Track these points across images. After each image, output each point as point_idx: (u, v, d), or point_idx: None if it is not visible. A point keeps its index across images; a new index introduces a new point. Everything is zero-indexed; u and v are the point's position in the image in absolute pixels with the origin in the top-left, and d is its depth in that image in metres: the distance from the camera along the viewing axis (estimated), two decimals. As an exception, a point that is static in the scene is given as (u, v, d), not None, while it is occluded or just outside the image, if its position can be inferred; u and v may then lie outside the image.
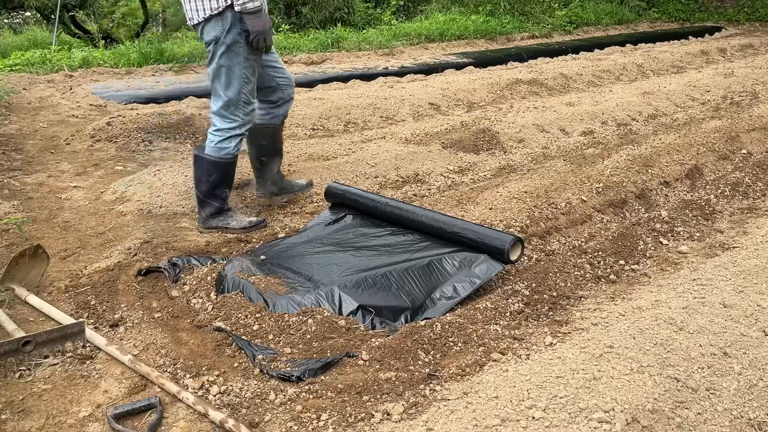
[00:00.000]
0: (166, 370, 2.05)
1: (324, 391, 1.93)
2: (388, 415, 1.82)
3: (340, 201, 3.19)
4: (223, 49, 2.86)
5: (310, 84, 6.50)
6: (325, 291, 2.37)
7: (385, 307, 2.35)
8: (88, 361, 2.08)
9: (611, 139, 4.73)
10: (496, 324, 2.28)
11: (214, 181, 3.06)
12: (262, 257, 2.62)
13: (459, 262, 2.56)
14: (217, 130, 3.01)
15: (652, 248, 2.94)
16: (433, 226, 2.77)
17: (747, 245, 2.85)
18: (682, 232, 3.12)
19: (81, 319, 2.24)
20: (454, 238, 2.68)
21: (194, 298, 2.46)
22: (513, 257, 2.53)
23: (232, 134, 3.01)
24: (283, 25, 10.26)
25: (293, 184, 3.56)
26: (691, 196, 3.55)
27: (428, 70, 7.39)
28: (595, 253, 2.83)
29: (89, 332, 2.17)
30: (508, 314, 2.34)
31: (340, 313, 2.29)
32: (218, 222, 3.11)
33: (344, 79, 6.75)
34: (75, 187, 3.68)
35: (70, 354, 2.09)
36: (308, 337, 2.16)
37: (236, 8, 2.77)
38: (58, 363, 2.05)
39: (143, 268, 2.64)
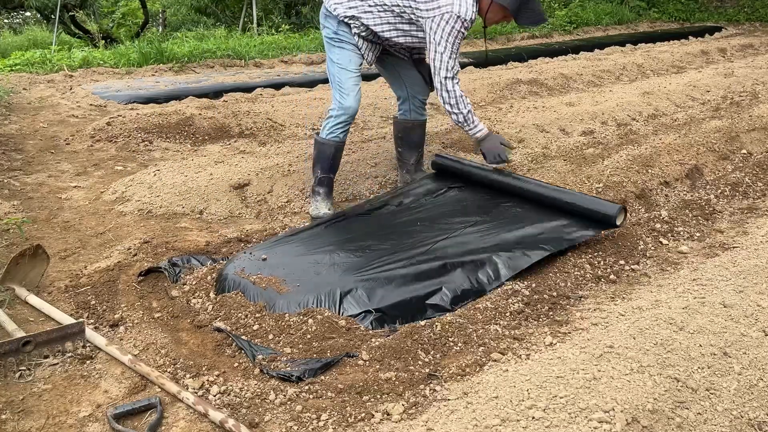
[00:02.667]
0: (166, 370, 2.05)
1: (324, 391, 1.93)
2: (388, 415, 1.82)
3: (445, 170, 3.51)
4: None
5: (310, 84, 6.50)
6: (327, 290, 2.36)
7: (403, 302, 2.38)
8: (88, 361, 2.08)
9: (611, 139, 4.73)
10: (496, 324, 2.28)
11: (313, 157, 3.39)
12: (263, 256, 2.62)
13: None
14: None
15: (652, 248, 2.94)
16: (535, 192, 3.10)
17: (747, 245, 2.85)
18: (682, 232, 3.12)
19: (81, 319, 2.24)
20: (556, 205, 2.99)
21: (194, 298, 2.46)
22: (618, 222, 2.87)
23: (327, 116, 3.30)
24: (283, 25, 10.26)
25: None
26: (691, 196, 3.55)
27: (428, 70, 7.39)
28: (595, 253, 2.83)
29: (89, 332, 2.17)
30: (508, 314, 2.34)
31: (340, 313, 2.29)
32: (310, 199, 3.39)
33: (344, 79, 6.74)
34: (75, 187, 3.68)
35: (70, 354, 2.09)
36: (308, 337, 2.16)
37: (470, 136, 3.25)
38: (58, 363, 2.05)
39: (143, 269, 2.64)
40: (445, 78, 3.05)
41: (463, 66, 7.69)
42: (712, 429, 1.65)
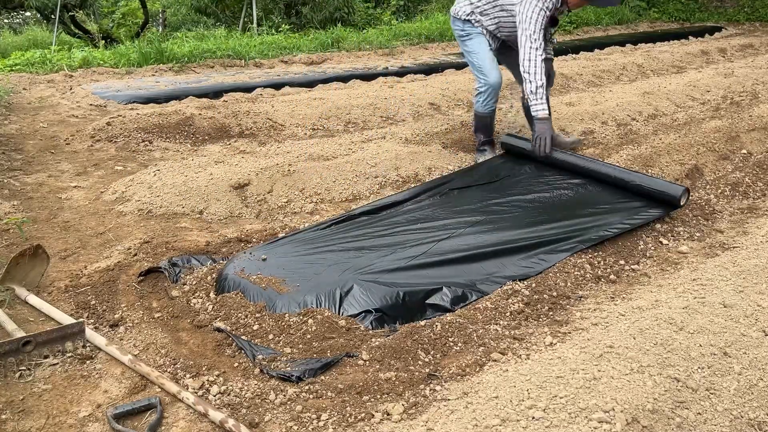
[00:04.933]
0: (166, 370, 2.05)
1: (324, 391, 1.93)
2: (388, 415, 1.82)
3: (512, 151, 4.00)
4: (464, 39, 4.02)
5: (310, 84, 6.50)
6: (327, 290, 2.36)
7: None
8: (88, 361, 2.08)
9: (611, 139, 4.73)
10: (496, 324, 2.28)
11: (474, 126, 4.22)
12: (263, 257, 2.62)
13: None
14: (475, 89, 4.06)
15: (652, 248, 2.94)
16: (600, 172, 3.48)
17: (747, 245, 2.85)
18: (682, 232, 3.12)
19: (81, 319, 2.24)
20: (620, 185, 3.36)
21: (194, 298, 2.46)
22: (682, 202, 3.20)
23: (477, 93, 4.04)
24: (283, 25, 10.26)
25: (561, 141, 4.24)
26: (691, 196, 3.55)
27: (428, 70, 7.39)
28: (595, 253, 2.83)
29: (89, 332, 2.17)
30: (508, 314, 2.34)
31: (340, 313, 2.29)
32: (477, 154, 4.20)
33: (344, 79, 6.75)
34: (75, 187, 3.68)
35: (70, 354, 2.09)
36: (308, 337, 2.16)
37: (532, 112, 3.66)
38: (58, 363, 2.05)
39: (143, 270, 2.64)
40: (530, 48, 3.55)
41: (463, 66, 7.69)
42: (712, 429, 1.65)
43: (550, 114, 3.68)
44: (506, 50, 4.12)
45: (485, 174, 3.71)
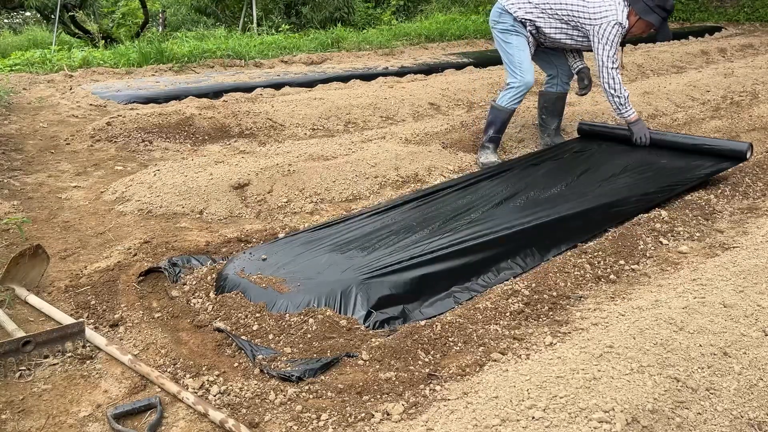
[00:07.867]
0: (166, 370, 2.05)
1: (324, 391, 1.93)
2: (388, 415, 1.82)
3: (590, 134, 4.42)
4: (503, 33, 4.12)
5: (310, 84, 6.50)
6: (327, 290, 2.36)
7: None
8: (88, 361, 2.08)
9: (611, 139, 4.72)
10: (496, 324, 2.28)
11: (488, 120, 4.25)
12: (263, 256, 2.62)
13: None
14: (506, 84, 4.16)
15: (652, 248, 2.94)
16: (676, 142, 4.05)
17: (747, 245, 2.85)
18: (682, 232, 3.12)
19: (81, 319, 2.24)
20: (693, 150, 3.92)
21: (194, 298, 2.46)
22: (748, 156, 3.79)
23: (507, 88, 4.12)
24: (283, 25, 10.27)
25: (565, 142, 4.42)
26: (691, 196, 3.55)
27: (428, 70, 7.40)
28: (595, 253, 2.83)
29: (89, 332, 2.17)
30: (508, 314, 2.34)
31: (341, 312, 2.29)
32: (479, 152, 4.23)
33: (344, 79, 6.75)
34: (75, 187, 3.68)
35: (70, 354, 2.09)
36: (308, 336, 2.16)
37: (624, 118, 4.08)
38: (58, 363, 2.06)
39: (143, 270, 2.63)
40: (611, 68, 3.87)
41: (462, 66, 7.70)
42: (712, 429, 1.65)
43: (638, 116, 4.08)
44: (541, 50, 4.27)
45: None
